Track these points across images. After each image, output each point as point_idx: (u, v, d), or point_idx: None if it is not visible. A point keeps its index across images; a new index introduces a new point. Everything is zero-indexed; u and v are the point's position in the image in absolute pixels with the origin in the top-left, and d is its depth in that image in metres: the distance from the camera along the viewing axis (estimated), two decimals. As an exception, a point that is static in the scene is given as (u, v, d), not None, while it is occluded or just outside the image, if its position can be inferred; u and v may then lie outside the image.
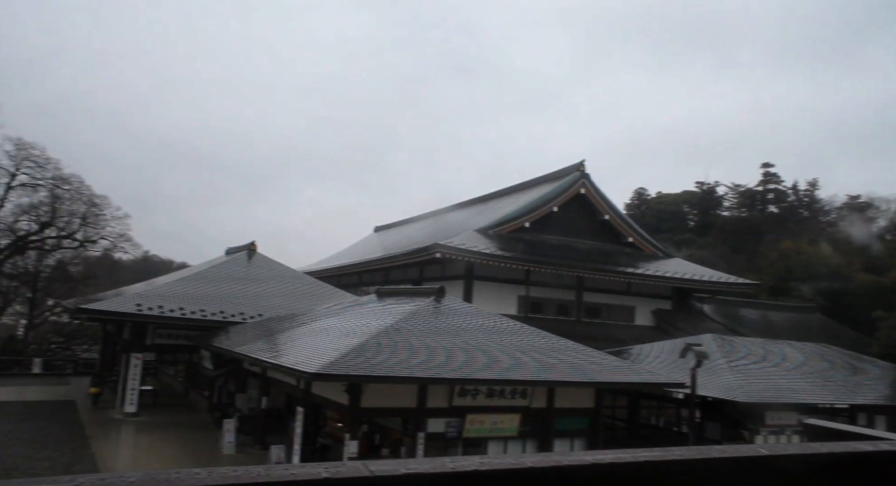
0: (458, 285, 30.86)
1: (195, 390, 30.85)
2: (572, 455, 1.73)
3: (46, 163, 43.88)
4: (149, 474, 1.37)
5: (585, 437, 18.79)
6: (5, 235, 43.53)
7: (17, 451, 19.25)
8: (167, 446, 21.39)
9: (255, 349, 18.69)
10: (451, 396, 16.26)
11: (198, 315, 25.38)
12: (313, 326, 20.65)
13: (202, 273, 30.57)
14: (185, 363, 32.57)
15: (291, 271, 33.41)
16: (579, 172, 36.06)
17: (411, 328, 17.21)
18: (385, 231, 56.00)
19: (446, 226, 40.44)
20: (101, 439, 21.91)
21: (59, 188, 44.49)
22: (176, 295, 26.62)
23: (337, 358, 14.35)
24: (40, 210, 44.34)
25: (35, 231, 44.45)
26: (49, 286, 46.38)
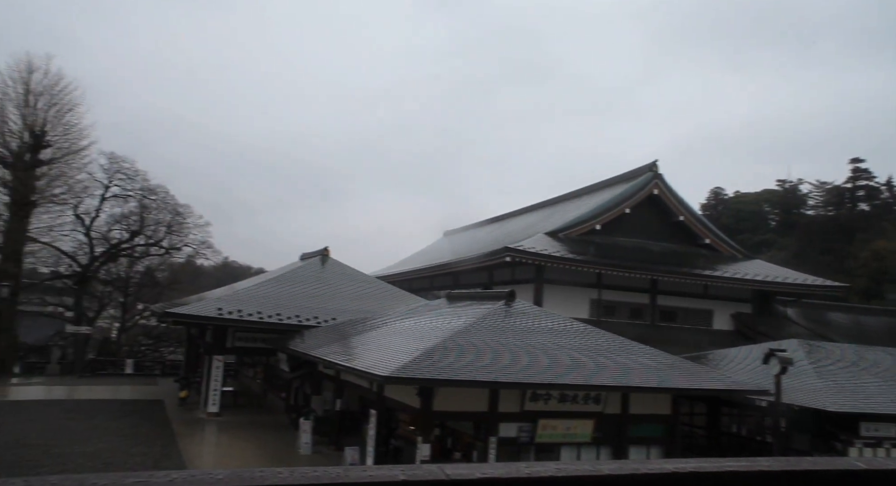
0: (528, 288, 30.62)
1: (273, 391, 31.86)
2: (651, 464, 1.68)
3: (135, 175, 46.58)
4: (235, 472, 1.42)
5: (662, 445, 18.24)
6: (100, 244, 46.38)
7: (114, 446, 20.43)
8: (247, 445, 22.18)
9: (329, 352, 19.12)
10: (523, 400, 16.14)
11: (274, 319, 26.23)
12: (385, 329, 20.95)
13: (278, 278, 31.57)
14: (263, 366, 33.71)
15: (363, 276, 34.04)
16: (652, 172, 35.15)
17: (482, 332, 17.19)
18: (454, 235, 56.24)
19: (515, 229, 40.25)
20: (186, 436, 22.95)
21: (147, 199, 47.07)
22: (254, 300, 27.60)
23: (409, 362, 14.50)
24: (130, 220, 47.03)
25: (126, 239, 47.13)
26: (139, 291, 49.07)
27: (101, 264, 46.65)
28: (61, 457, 18.52)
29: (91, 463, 18.07)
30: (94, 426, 23.55)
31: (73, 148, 43.24)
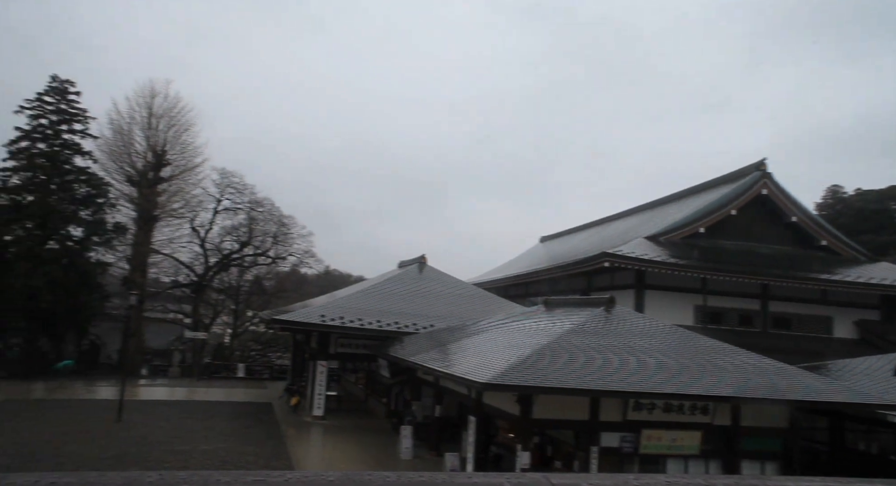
0: (628, 294, 29.75)
1: (374, 396, 32.65)
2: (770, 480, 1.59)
3: (244, 188, 49.41)
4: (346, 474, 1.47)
5: (778, 460, 17.15)
6: (214, 254, 49.46)
7: (229, 445, 21.64)
8: (351, 448, 22.83)
9: (428, 359, 19.37)
10: (625, 410, 15.67)
11: (374, 326, 26.90)
12: (483, 336, 20.99)
13: (378, 286, 32.38)
14: (365, 371, 34.58)
15: (460, 283, 34.30)
16: (760, 171, 33.25)
17: (581, 339, 16.87)
18: (551, 241, 55.57)
19: (613, 234, 39.23)
20: (294, 438, 23.94)
21: (255, 211, 49.78)
22: (355, 307, 28.44)
23: (507, 369, 14.44)
24: (240, 231, 49.88)
25: (236, 250, 49.98)
26: (248, 299, 51.83)
27: (214, 273, 49.70)
28: (183, 454, 19.81)
29: (210, 461, 19.22)
30: (211, 427, 25.04)
31: (189, 165, 46.49)
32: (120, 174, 44.44)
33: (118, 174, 44.34)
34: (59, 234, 40.74)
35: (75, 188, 41.82)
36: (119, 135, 44.51)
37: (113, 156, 44.26)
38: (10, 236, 39.28)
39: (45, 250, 39.07)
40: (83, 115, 42.76)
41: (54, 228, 40.18)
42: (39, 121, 41.47)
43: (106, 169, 43.81)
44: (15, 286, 36.61)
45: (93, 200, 42.40)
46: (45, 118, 41.60)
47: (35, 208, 39.28)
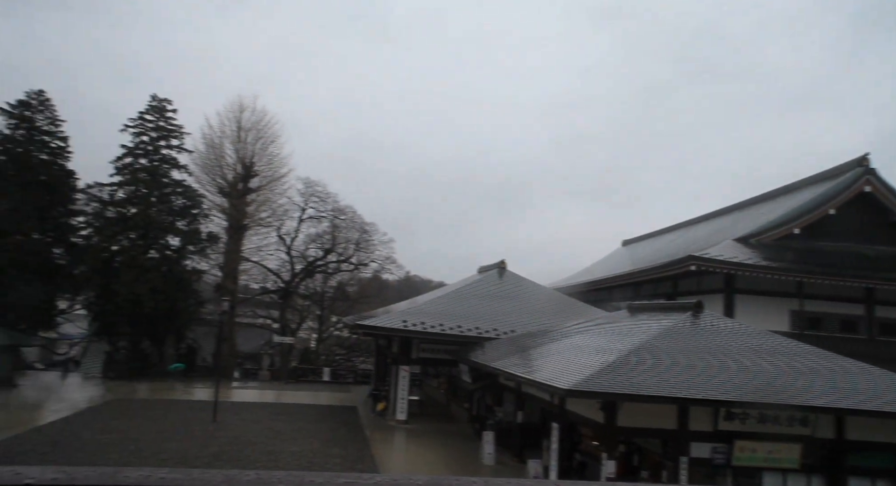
0: (717, 299, 28.54)
1: (456, 401, 32.78)
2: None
3: (327, 197, 50.96)
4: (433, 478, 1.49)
5: (892, 478, 15.95)
6: (299, 262, 51.21)
7: (315, 447, 22.28)
8: (434, 452, 23.01)
9: (509, 364, 19.27)
10: (716, 419, 15.02)
11: (455, 331, 27.04)
12: (565, 342, 20.69)
13: (458, 291, 32.54)
14: (446, 376, 34.82)
15: (540, 288, 33.98)
16: (862, 167, 31.15)
17: (667, 345, 16.33)
18: (633, 245, 54.13)
19: (700, 236, 37.78)
20: (378, 441, 24.37)
21: (338, 219, 51.22)
22: (436, 312, 28.69)
23: (590, 375, 14.17)
24: (324, 239, 51.42)
25: (320, 257, 51.54)
26: (332, 304, 53.31)
27: (300, 279, 51.45)
28: (273, 454, 20.56)
29: (298, 461, 19.86)
30: (299, 428, 25.87)
31: (275, 176, 48.40)
32: (212, 186, 46.84)
33: (211, 186, 46.74)
34: (158, 243, 43.32)
35: (173, 200, 44.36)
36: (211, 148, 46.96)
37: (206, 168, 46.71)
38: (117, 247, 42.08)
39: (147, 259, 41.62)
40: (179, 131, 45.40)
41: (155, 238, 42.76)
42: (141, 138, 44.31)
43: (200, 181, 46.32)
44: (121, 293, 39.18)
45: (188, 211, 44.84)
46: (146, 135, 44.41)
47: (138, 220, 41.94)
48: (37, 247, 43.24)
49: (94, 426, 23.99)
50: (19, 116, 44.76)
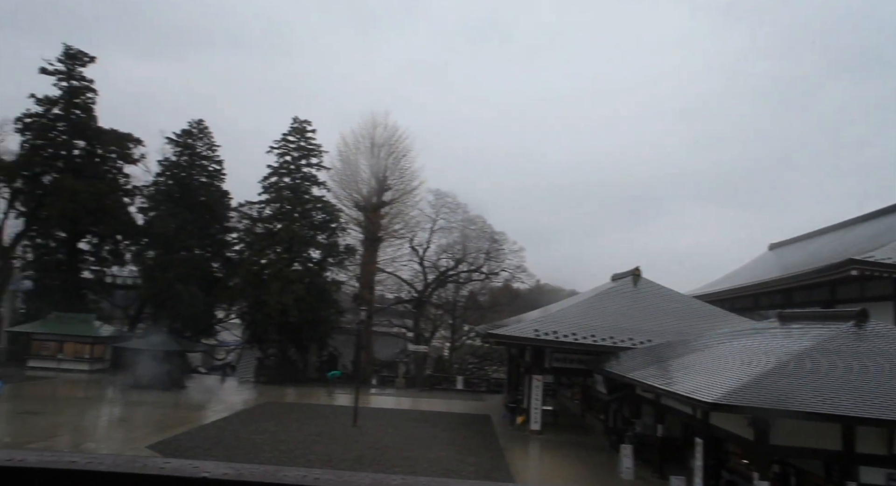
0: (885, 307, 25.70)
1: (591, 412, 31.97)
2: None
3: (457, 208, 51.92)
4: None
5: None
6: (432, 272, 52.48)
7: (451, 454, 22.62)
8: (569, 464, 22.54)
9: (647, 375, 18.50)
10: (891, 441, 13.49)
11: (589, 340, 26.41)
12: (707, 352, 19.54)
13: (590, 299, 31.79)
14: (580, 386, 34.07)
15: (678, 295, 32.39)
16: None
17: (826, 357, 14.91)
18: (782, 248, 50.15)
19: (860, 238, 34.27)
20: (512, 451, 24.28)
21: (468, 229, 51.98)
22: (568, 321, 28.19)
23: (737, 388, 13.27)
24: (455, 249, 52.38)
25: (452, 267, 52.50)
26: (464, 314, 54.02)
27: (433, 289, 52.68)
28: (411, 460, 21.12)
29: (434, 468, 20.25)
30: (434, 435, 26.39)
31: (407, 189, 50.08)
32: (349, 200, 49.27)
33: (347, 201, 49.20)
34: (301, 256, 46.15)
35: (313, 215, 47.13)
36: (347, 165, 49.49)
37: (343, 184, 49.27)
38: (265, 260, 45.37)
39: (292, 271, 44.46)
40: (318, 149, 48.24)
41: (298, 251, 45.61)
42: (284, 158, 47.57)
43: (337, 196, 48.92)
44: (269, 303, 42.14)
45: (327, 225, 47.44)
46: (288, 155, 47.62)
47: (283, 235, 44.97)
48: (198, 262, 47.66)
49: (249, 427, 25.92)
50: (183, 144, 49.74)
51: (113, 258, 50.75)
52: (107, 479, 0.94)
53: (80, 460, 0.96)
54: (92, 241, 49.98)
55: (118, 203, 48.93)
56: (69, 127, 49.20)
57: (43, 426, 24.22)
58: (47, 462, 0.93)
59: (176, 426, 25.36)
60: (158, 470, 0.97)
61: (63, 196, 45.01)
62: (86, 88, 50.06)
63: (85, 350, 42.93)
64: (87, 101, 50.12)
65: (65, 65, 49.30)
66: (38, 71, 48.75)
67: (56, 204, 45.11)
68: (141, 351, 37.41)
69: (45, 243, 48.47)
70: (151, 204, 49.38)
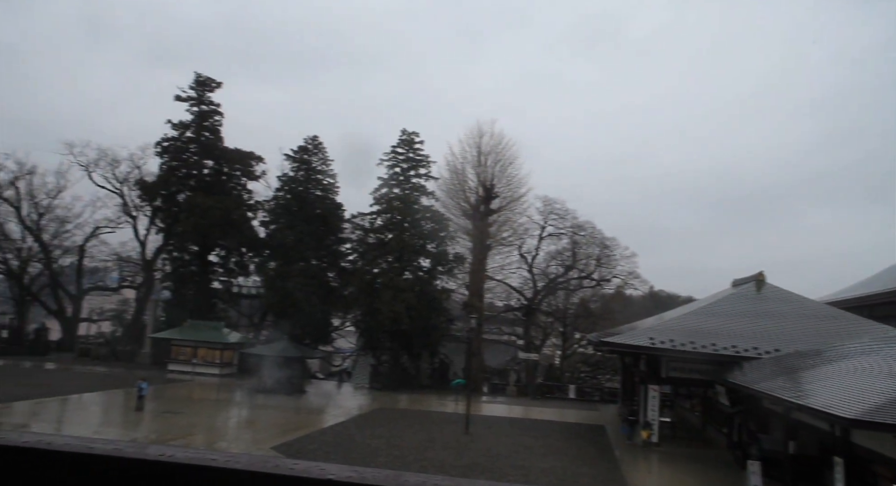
0: None
1: (712, 424, 30.31)
2: None
3: (566, 214, 51.19)
4: None
5: None
6: (541, 279, 51.98)
7: (564, 464, 22.22)
8: (690, 479, 21.48)
9: (775, 387, 17.32)
10: None
11: (709, 349, 25.09)
12: (844, 363, 18.00)
13: (709, 307, 30.24)
14: (700, 397, 32.40)
15: (808, 302, 30.12)
16: None
17: None
18: (931, 249, 45.40)
19: None
20: (628, 462, 23.49)
21: (577, 235, 51.09)
22: (685, 329, 26.95)
23: (882, 404, 12.12)
24: (564, 255, 51.62)
25: (561, 274, 51.76)
26: (575, 321, 53.02)
27: (542, 297, 52.15)
28: (523, 469, 20.94)
29: (547, 478, 19.97)
30: (547, 445, 26.03)
31: (514, 196, 50.00)
32: (457, 209, 49.85)
33: (455, 209, 49.79)
34: (412, 265, 47.18)
35: (423, 225, 48.09)
36: (454, 174, 50.14)
37: (450, 193, 49.94)
38: (377, 269, 46.79)
39: (403, 280, 45.55)
40: (426, 160, 49.25)
41: (408, 260, 46.68)
42: (394, 169, 48.95)
43: (445, 206, 49.64)
44: (382, 311, 43.38)
45: (436, 234, 48.24)
46: (398, 167, 48.96)
47: (394, 244, 46.21)
48: (315, 272, 49.92)
49: (364, 431, 26.76)
50: (299, 160, 52.44)
51: (239, 269, 54.41)
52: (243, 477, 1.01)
53: (220, 458, 1.03)
54: (220, 253, 53.81)
55: (243, 218, 52.43)
56: (199, 148, 53.44)
57: (181, 425, 26.24)
58: (192, 459, 1.01)
59: (298, 429, 26.64)
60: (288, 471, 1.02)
61: (195, 212, 48.81)
62: (213, 111, 54.27)
63: (216, 356, 46.07)
64: (214, 123, 54.30)
65: (195, 91, 53.69)
66: (174, 98, 53.34)
67: (189, 220, 48.99)
68: (265, 357, 39.67)
69: (181, 256, 52.70)
70: (272, 217, 52.43)
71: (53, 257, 57.70)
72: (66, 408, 30.23)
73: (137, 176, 56.56)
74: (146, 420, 27.32)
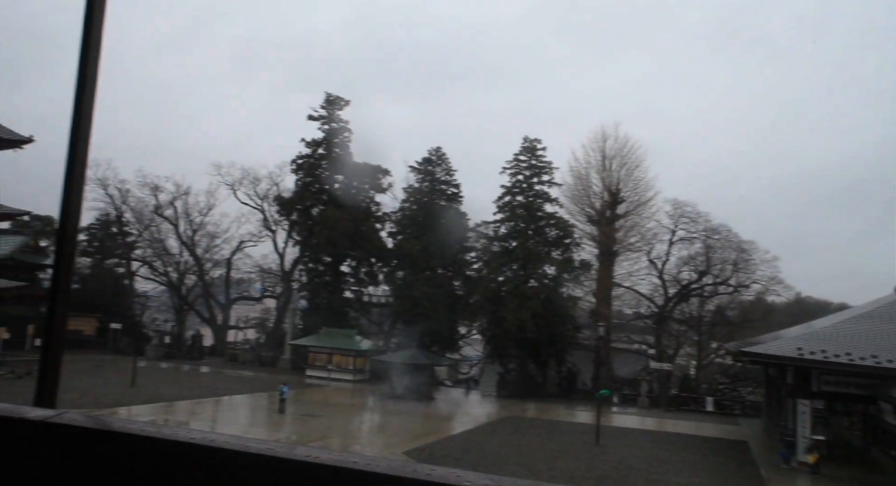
0: None
1: (878, 445, 27.40)
2: None
3: (697, 217, 48.64)
4: None
5: None
6: (672, 285, 49.69)
7: (703, 481, 21.04)
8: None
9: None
10: None
11: (869, 361, 22.76)
12: None
13: (868, 314, 27.51)
14: (861, 414, 29.48)
15: None
16: None
17: None
18: None
19: None
20: (778, 484, 21.77)
21: (710, 238, 48.33)
22: (839, 339, 24.66)
23: None
24: (697, 260, 49.00)
25: (694, 280, 49.17)
26: (711, 330, 50.08)
27: (674, 304, 49.77)
28: (659, 484, 20.04)
29: (685, 495, 18.96)
30: (683, 459, 24.72)
31: (641, 200, 48.32)
32: (581, 215, 48.92)
33: (580, 216, 48.89)
34: (537, 273, 46.80)
35: (547, 232, 47.60)
36: (578, 180, 49.28)
37: (574, 199, 49.13)
38: (502, 277, 46.86)
39: (528, 288, 45.28)
40: (549, 167, 48.79)
41: (533, 268, 46.35)
42: (517, 177, 48.92)
43: (570, 212, 48.88)
44: (508, 319, 43.36)
45: (561, 241, 47.56)
46: (520, 175, 48.87)
47: (518, 252, 46.10)
48: (441, 280, 50.88)
49: (493, 439, 26.80)
50: (423, 171, 53.85)
51: (369, 279, 56.67)
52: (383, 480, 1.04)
53: (360, 461, 1.07)
54: (351, 264, 56.35)
55: (371, 229, 54.61)
56: (331, 164, 56.42)
57: (319, 428, 27.65)
58: (336, 461, 1.06)
59: (428, 435, 27.19)
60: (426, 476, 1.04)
61: (327, 225, 51.49)
62: (342, 128, 57.16)
63: (349, 362, 48.12)
64: (343, 139, 57.17)
65: (326, 110, 56.76)
66: (307, 118, 56.74)
67: (322, 232, 51.78)
68: (395, 364, 40.91)
69: (315, 267, 55.76)
70: (399, 228, 54.21)
71: (205, 270, 63.07)
72: (218, 408, 32.82)
73: (276, 192, 60.60)
74: (288, 422, 29.03)
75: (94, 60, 2.70)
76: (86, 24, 2.65)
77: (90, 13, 2.65)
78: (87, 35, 2.66)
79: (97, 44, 2.68)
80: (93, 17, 2.64)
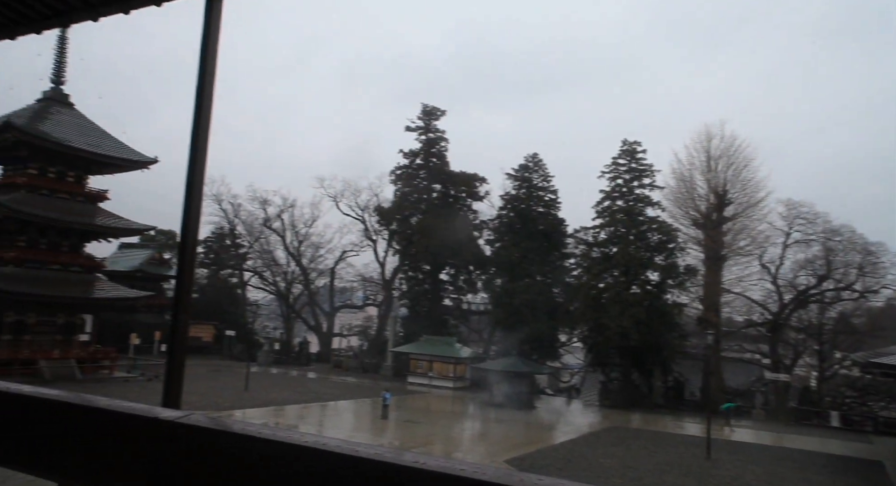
0: None
1: None
2: None
3: (815, 218, 45.47)
4: None
5: None
6: (788, 291, 46.61)
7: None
8: None
9: None
10: None
11: None
12: None
13: None
14: None
15: None
16: None
17: None
18: None
19: None
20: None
21: (831, 240, 44.98)
22: None
23: None
24: (815, 264, 45.72)
25: (813, 285, 45.89)
26: (834, 339, 46.46)
27: (790, 311, 46.64)
28: (778, 504, 18.78)
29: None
30: (806, 479, 23.05)
31: (751, 201, 45.73)
32: (685, 219, 46.93)
33: (684, 219, 46.91)
34: (639, 279, 45.31)
35: (649, 237, 46.03)
36: (681, 182, 47.35)
37: (678, 202, 47.22)
38: (603, 284, 45.75)
39: (630, 294, 43.93)
40: (650, 169, 47.20)
41: (635, 274, 44.92)
42: (616, 181, 47.68)
43: (673, 216, 47.01)
44: (609, 326, 42.24)
45: (664, 245, 45.82)
46: (620, 178, 47.60)
47: (619, 258, 44.85)
48: (540, 288, 50.34)
49: (596, 450, 26.13)
50: (520, 178, 53.65)
51: (467, 287, 57.07)
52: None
53: (468, 468, 1.06)
54: (450, 272, 56.96)
55: (469, 237, 54.95)
56: (428, 173, 57.42)
57: (421, 435, 28.02)
58: (443, 468, 1.06)
59: (529, 444, 26.91)
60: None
61: (426, 234, 52.32)
62: (439, 138, 58.07)
63: (449, 369, 48.49)
64: (440, 149, 58.03)
65: (423, 121, 57.87)
66: (405, 129, 58.09)
67: (421, 241, 52.70)
68: (495, 372, 40.83)
69: (415, 275, 56.83)
70: (496, 236, 54.22)
71: (311, 279, 65.74)
72: (325, 412, 34.01)
73: (376, 203, 62.34)
74: (390, 428, 29.64)
75: (209, 90, 2.90)
76: (202, 57, 2.86)
77: (205, 46, 2.85)
78: (203, 67, 2.87)
79: (211, 74, 2.88)
80: (207, 49, 2.85)
